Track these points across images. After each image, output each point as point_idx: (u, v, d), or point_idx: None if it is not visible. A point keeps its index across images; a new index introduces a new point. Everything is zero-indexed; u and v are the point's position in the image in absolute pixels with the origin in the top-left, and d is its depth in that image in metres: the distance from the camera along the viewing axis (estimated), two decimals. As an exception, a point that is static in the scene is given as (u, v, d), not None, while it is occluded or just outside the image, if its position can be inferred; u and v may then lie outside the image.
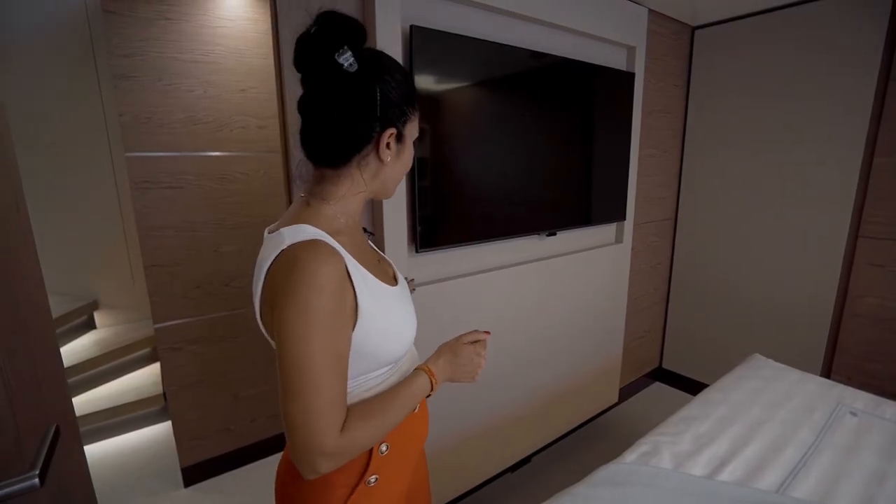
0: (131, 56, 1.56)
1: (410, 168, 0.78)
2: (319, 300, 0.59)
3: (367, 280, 0.67)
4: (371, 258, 0.76)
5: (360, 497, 0.71)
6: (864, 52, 1.81)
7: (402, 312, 0.74)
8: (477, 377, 0.76)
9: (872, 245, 1.90)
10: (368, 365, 0.70)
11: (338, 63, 0.63)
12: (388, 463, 0.74)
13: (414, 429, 0.80)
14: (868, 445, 1.23)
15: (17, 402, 0.68)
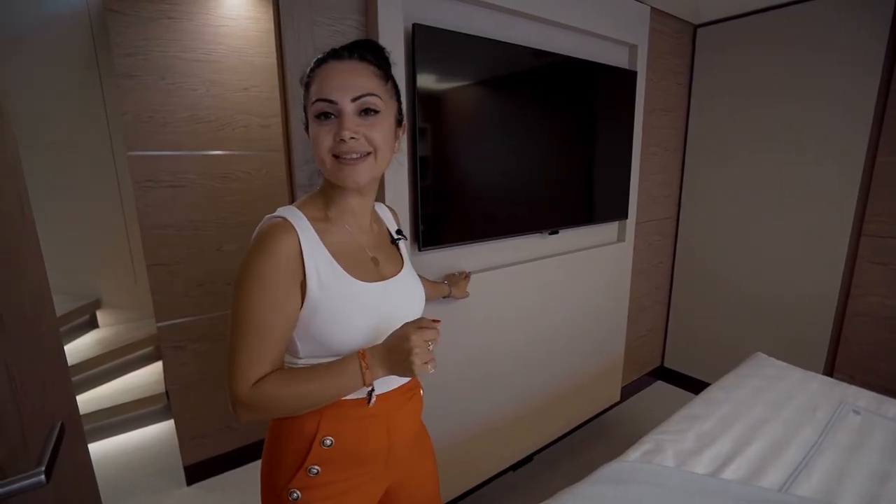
0: (134, 55, 1.57)
1: (342, 140, 0.71)
2: (262, 267, 0.67)
3: (325, 266, 0.71)
4: (359, 254, 0.79)
5: (302, 484, 0.74)
6: (866, 51, 1.80)
7: (360, 308, 0.74)
8: (416, 371, 0.68)
9: (875, 243, 1.90)
10: (316, 349, 0.74)
11: None
12: (334, 460, 0.75)
13: (367, 433, 0.77)
14: (871, 444, 1.23)
15: (22, 400, 0.69)
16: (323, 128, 0.71)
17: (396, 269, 0.85)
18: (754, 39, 2.12)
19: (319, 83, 0.71)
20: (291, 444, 0.75)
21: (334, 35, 1.21)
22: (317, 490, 0.74)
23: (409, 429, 0.85)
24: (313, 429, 0.74)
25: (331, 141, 0.71)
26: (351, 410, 0.75)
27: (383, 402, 0.79)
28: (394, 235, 0.91)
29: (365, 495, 0.81)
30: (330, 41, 1.20)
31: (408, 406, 0.84)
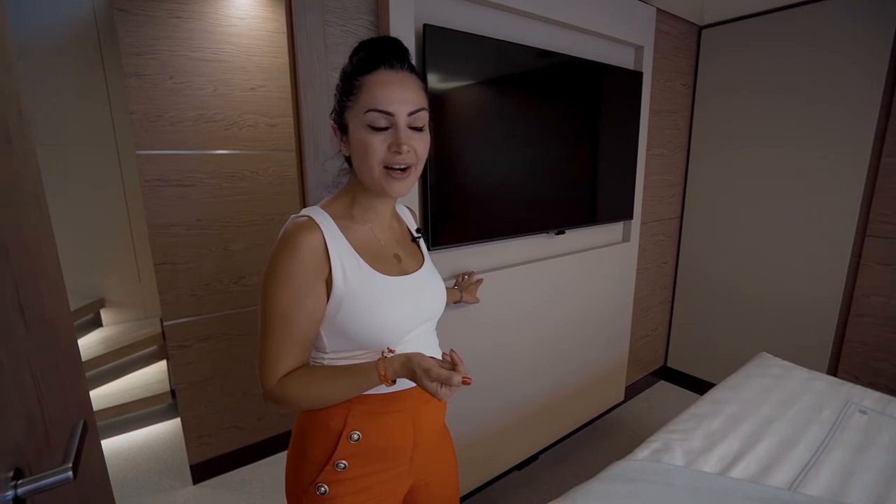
0: (142, 54, 1.57)
1: (374, 156, 0.72)
2: (288, 265, 0.69)
3: (350, 262, 0.73)
4: (382, 250, 0.80)
5: (329, 479, 0.75)
6: (871, 52, 1.81)
7: (385, 301, 0.75)
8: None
9: (880, 244, 1.91)
10: (343, 343, 0.76)
11: None
12: (361, 455, 0.76)
13: (394, 428, 0.79)
14: (878, 444, 1.24)
15: (43, 399, 0.69)
16: (377, 138, 0.71)
17: (418, 265, 0.86)
18: (758, 40, 2.13)
19: (375, 92, 0.70)
20: (319, 438, 0.76)
21: (346, 35, 1.21)
22: (344, 484, 0.75)
23: (433, 425, 0.86)
24: (341, 424, 0.75)
25: (384, 152, 0.71)
26: (378, 406, 0.76)
27: (409, 398, 0.79)
28: (414, 234, 0.92)
29: (390, 491, 0.81)
30: (341, 41, 1.21)
31: (432, 402, 0.84)
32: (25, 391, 0.63)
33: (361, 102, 0.71)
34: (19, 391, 0.61)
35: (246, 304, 1.93)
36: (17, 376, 0.60)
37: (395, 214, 0.91)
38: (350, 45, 1.22)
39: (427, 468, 0.88)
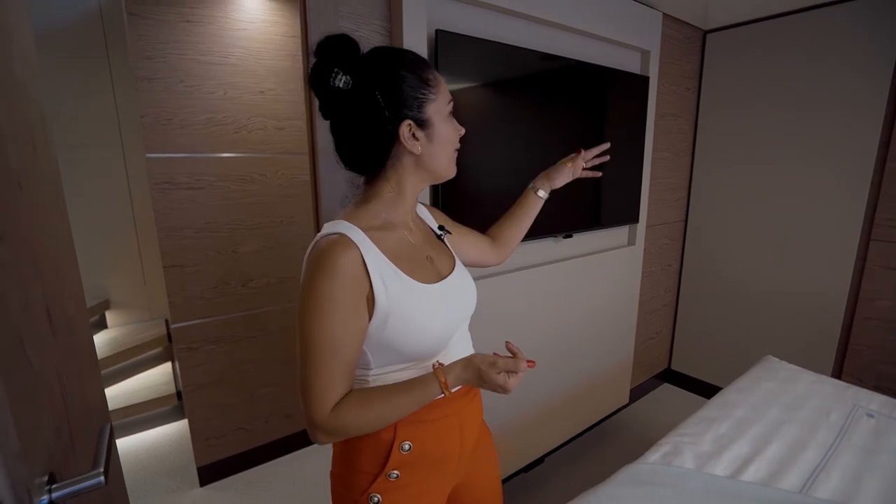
0: (153, 58, 1.58)
1: (462, 135, 0.80)
2: (328, 287, 0.66)
3: (390, 276, 0.70)
4: (416, 255, 0.78)
5: (382, 488, 0.74)
6: (876, 57, 1.83)
7: (430, 310, 0.74)
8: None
9: (885, 248, 1.92)
10: (391, 357, 0.74)
11: (335, 87, 0.69)
12: (413, 463, 0.75)
13: (442, 434, 0.79)
14: (886, 447, 1.25)
15: (70, 403, 0.70)
16: (452, 125, 0.77)
17: (450, 264, 0.85)
18: (763, 45, 2.15)
19: (445, 88, 0.75)
20: (368, 450, 0.75)
21: (359, 40, 1.22)
22: (397, 492, 0.75)
23: (475, 425, 0.86)
24: (391, 435, 0.74)
25: (456, 136, 0.78)
26: (426, 414, 0.76)
27: (455, 402, 0.79)
28: (437, 232, 0.90)
29: (439, 494, 0.83)
30: (355, 46, 1.21)
31: (474, 402, 0.85)
32: (54, 396, 0.63)
33: (443, 94, 0.74)
34: (49, 396, 0.61)
35: (254, 306, 1.93)
36: (47, 382, 0.61)
37: (415, 215, 0.89)
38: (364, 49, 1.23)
39: (471, 467, 0.88)
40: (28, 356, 0.57)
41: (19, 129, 0.65)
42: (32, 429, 0.53)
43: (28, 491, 0.48)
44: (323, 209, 1.22)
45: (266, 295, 1.96)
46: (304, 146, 1.97)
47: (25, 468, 0.49)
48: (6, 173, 0.58)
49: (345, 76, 0.69)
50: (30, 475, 0.50)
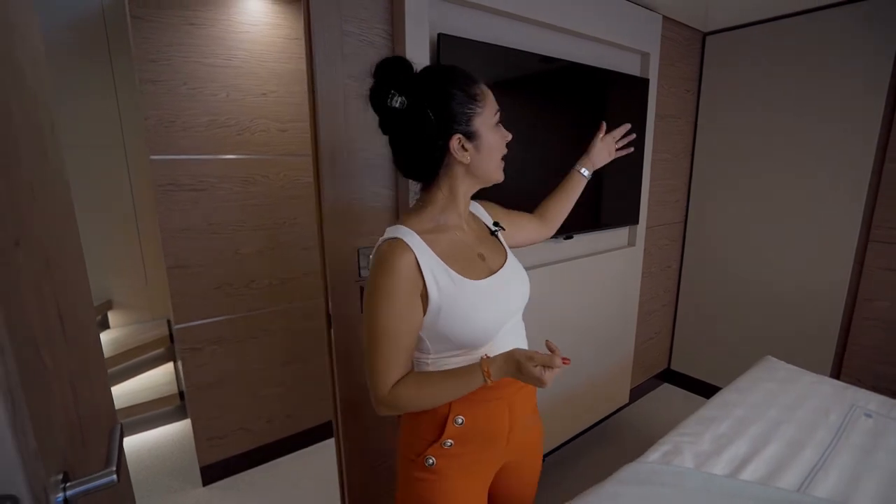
0: (157, 61, 1.59)
1: (509, 140, 0.88)
2: (387, 285, 0.76)
3: (441, 274, 0.80)
4: (468, 253, 0.87)
5: (436, 453, 0.86)
6: (874, 58, 1.84)
7: (478, 305, 0.82)
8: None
9: (883, 249, 1.93)
10: (445, 345, 0.84)
11: (392, 107, 0.78)
12: (464, 436, 0.86)
13: (492, 413, 0.88)
14: (884, 447, 1.26)
15: (80, 402, 0.71)
16: (499, 134, 0.85)
17: (501, 259, 0.92)
18: (762, 48, 2.16)
19: (490, 98, 0.83)
20: (427, 421, 0.87)
21: (363, 45, 1.23)
22: (449, 459, 0.86)
23: (526, 409, 0.94)
24: (446, 410, 0.85)
25: (503, 144, 0.87)
26: (478, 394, 0.83)
27: (505, 386, 0.87)
28: (491, 228, 0.98)
29: (487, 468, 0.92)
30: (358, 51, 1.23)
31: (524, 390, 0.92)
32: (66, 397, 0.64)
33: (490, 106, 0.83)
34: (61, 397, 0.62)
35: (257, 306, 1.95)
36: (59, 382, 0.62)
37: (471, 213, 0.98)
38: (367, 53, 1.24)
39: (519, 448, 0.96)
40: (42, 357, 0.58)
41: (32, 135, 0.67)
42: (47, 429, 0.55)
43: (44, 489, 0.50)
44: (326, 211, 1.23)
45: (268, 296, 1.97)
46: (307, 148, 1.98)
47: (42, 467, 0.50)
48: (21, 179, 0.59)
49: (400, 97, 0.78)
50: (46, 474, 0.51)
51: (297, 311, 2.06)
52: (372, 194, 1.32)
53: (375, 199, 1.33)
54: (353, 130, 1.25)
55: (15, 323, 0.50)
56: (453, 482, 0.87)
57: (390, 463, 1.53)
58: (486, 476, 0.93)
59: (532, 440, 1.01)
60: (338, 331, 1.32)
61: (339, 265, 1.29)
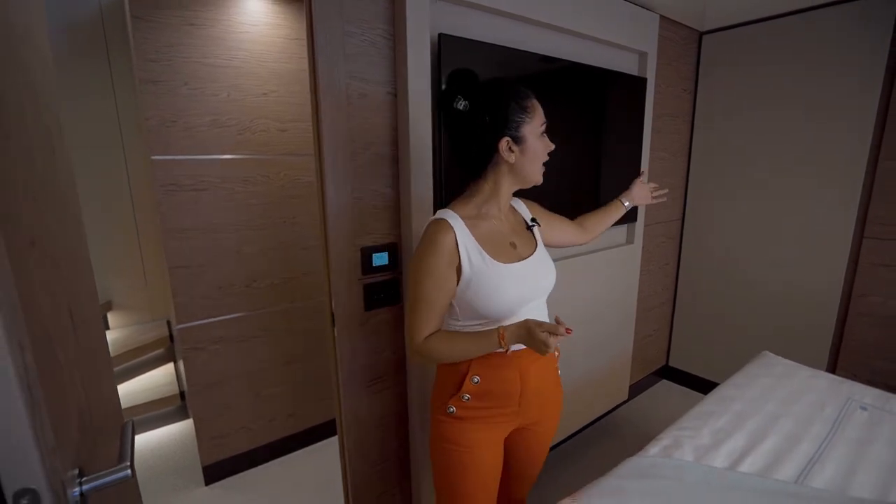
0: (158, 61, 1.59)
1: (552, 150, 1.02)
2: (429, 258, 0.95)
3: (475, 254, 0.96)
4: (501, 240, 1.02)
5: (456, 404, 1.04)
6: (867, 58, 1.86)
7: (502, 284, 0.97)
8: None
9: (878, 246, 1.96)
10: (471, 314, 1.00)
11: (457, 108, 0.96)
12: (479, 393, 1.02)
13: (504, 376, 1.02)
14: (879, 439, 1.28)
15: (90, 399, 0.72)
16: (543, 143, 1.00)
17: (531, 250, 1.07)
18: (758, 47, 2.18)
19: (540, 112, 0.99)
20: (451, 377, 1.05)
21: (364, 45, 1.24)
22: (466, 410, 1.03)
23: (541, 379, 1.08)
24: (466, 369, 1.02)
25: (546, 152, 1.01)
26: (493, 359, 1.01)
27: (518, 357, 1.02)
28: (528, 223, 1.13)
29: (499, 426, 1.06)
30: (361, 50, 1.24)
31: (541, 361, 1.06)
32: (77, 393, 0.65)
33: (538, 118, 0.98)
34: (73, 393, 0.63)
35: (259, 306, 1.95)
36: (71, 379, 0.63)
37: (511, 207, 1.12)
38: (369, 53, 1.25)
39: (533, 415, 1.10)
40: (56, 354, 0.59)
41: (42, 135, 0.67)
42: (63, 424, 0.55)
43: (62, 483, 0.50)
44: (329, 210, 1.24)
45: (270, 295, 1.97)
46: (307, 148, 1.99)
47: (59, 461, 0.51)
48: (34, 180, 0.60)
49: (464, 101, 0.96)
50: (63, 468, 0.52)
51: (298, 310, 2.07)
52: (374, 194, 1.33)
53: (378, 199, 1.34)
54: (355, 130, 1.26)
55: (32, 320, 0.51)
56: (468, 426, 1.04)
57: (393, 462, 1.54)
58: (499, 429, 1.07)
59: (549, 411, 1.15)
60: (341, 330, 1.33)
61: (342, 264, 1.30)
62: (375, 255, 1.36)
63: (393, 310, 1.43)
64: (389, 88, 1.31)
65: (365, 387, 1.42)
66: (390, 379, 1.48)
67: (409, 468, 1.59)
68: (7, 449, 0.45)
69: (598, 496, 1.05)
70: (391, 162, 1.35)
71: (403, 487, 1.59)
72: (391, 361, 1.46)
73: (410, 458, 1.57)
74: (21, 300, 0.48)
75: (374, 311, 1.39)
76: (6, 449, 0.45)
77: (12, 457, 0.45)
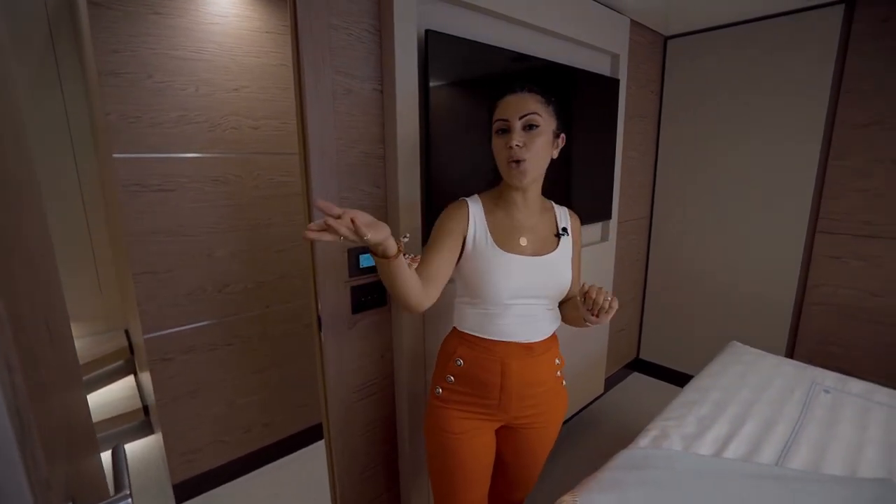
0: (120, 51, 1.48)
1: (511, 147, 0.99)
2: (441, 221, 1.06)
3: (481, 233, 1.04)
4: (512, 232, 1.06)
5: (443, 385, 1.10)
6: (818, 66, 2.00)
7: (496, 270, 1.01)
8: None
9: (829, 239, 2.11)
10: (466, 291, 1.08)
11: None
12: (462, 377, 1.08)
13: (484, 363, 1.06)
14: (843, 418, 1.38)
15: (72, 421, 0.65)
16: (500, 140, 1.01)
17: (545, 252, 1.08)
18: (718, 52, 2.30)
19: (499, 110, 1.01)
20: (443, 357, 1.12)
21: (349, 39, 1.20)
22: (450, 393, 1.09)
23: (528, 378, 1.07)
24: (453, 351, 1.09)
25: (504, 149, 0.99)
26: (475, 343, 1.07)
27: (499, 346, 1.06)
28: (559, 231, 1.13)
29: (482, 416, 1.08)
30: (346, 45, 1.20)
31: (528, 361, 1.07)
32: (61, 414, 0.59)
33: (497, 115, 1.02)
34: (59, 414, 0.57)
35: (231, 312, 1.86)
36: (55, 398, 0.57)
37: (546, 210, 1.14)
38: (355, 48, 1.21)
39: (518, 414, 1.09)
40: (41, 372, 0.52)
41: (12, 136, 0.60)
42: (52, 453, 0.49)
43: (59, 517, 0.45)
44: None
45: (243, 300, 1.88)
46: (281, 146, 1.91)
47: (54, 496, 0.45)
48: (10, 183, 0.54)
49: None
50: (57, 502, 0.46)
51: (274, 315, 1.99)
52: (362, 193, 1.29)
53: (365, 199, 1.30)
54: (342, 128, 1.22)
55: (19, 335, 0.45)
56: (454, 413, 1.08)
57: (382, 467, 1.50)
58: (485, 422, 1.09)
59: (542, 409, 1.13)
60: (328, 334, 1.28)
61: (329, 266, 1.26)
62: (362, 257, 1.32)
63: (381, 312, 1.40)
64: (376, 85, 1.28)
65: (353, 392, 1.38)
66: (378, 383, 1.44)
67: (398, 473, 1.56)
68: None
69: (597, 491, 1.06)
70: (378, 160, 1.31)
71: (392, 493, 1.56)
72: (379, 365, 1.43)
73: (399, 463, 1.54)
74: (8, 315, 0.42)
75: (362, 314, 1.36)
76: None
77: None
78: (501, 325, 1.05)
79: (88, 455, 0.70)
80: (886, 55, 1.88)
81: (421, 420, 1.49)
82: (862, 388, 1.55)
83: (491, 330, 1.05)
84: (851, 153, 2.01)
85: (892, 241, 1.94)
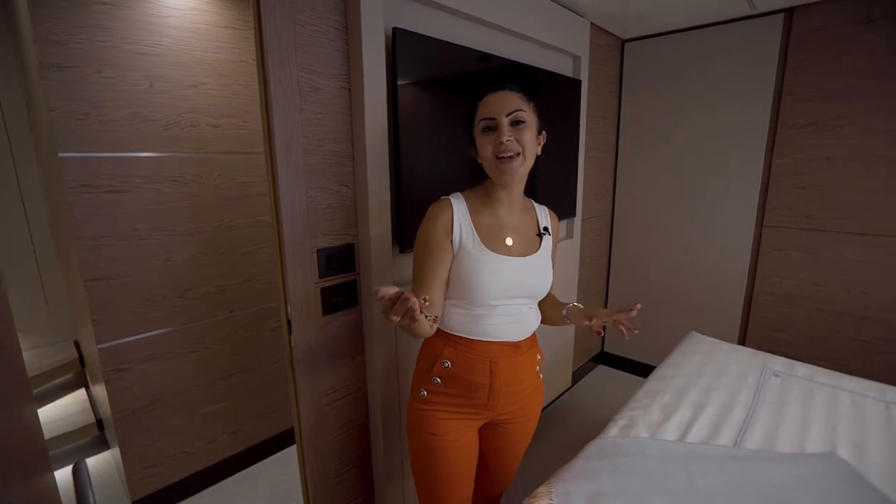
0: (65, 43, 1.38)
1: (497, 144, 0.99)
2: (426, 229, 1.03)
3: (467, 232, 1.02)
4: (497, 231, 1.05)
5: (428, 388, 1.08)
6: (763, 70, 2.13)
7: (482, 269, 1.00)
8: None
9: (775, 233, 2.25)
10: (451, 292, 1.05)
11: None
12: (449, 379, 1.06)
13: (472, 365, 1.04)
14: (791, 400, 1.48)
15: (24, 440, 0.60)
16: (487, 138, 1.00)
17: (529, 253, 1.08)
18: (672, 55, 2.40)
19: (483, 109, 1.01)
20: (427, 359, 1.09)
21: (316, 35, 1.18)
22: (436, 395, 1.07)
23: (513, 376, 1.08)
24: (439, 352, 1.06)
25: (492, 147, 0.99)
26: (462, 345, 1.05)
27: (488, 347, 1.05)
28: (540, 230, 1.14)
29: (469, 414, 1.08)
30: (312, 41, 1.17)
31: (514, 359, 1.07)
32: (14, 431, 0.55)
33: (479, 114, 1.01)
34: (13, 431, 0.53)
35: (194, 317, 1.78)
36: (8, 415, 0.53)
37: (527, 210, 1.15)
38: (321, 44, 1.19)
39: (505, 412, 1.11)
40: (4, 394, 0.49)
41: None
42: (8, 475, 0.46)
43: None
44: (283, 210, 1.17)
45: (206, 305, 1.81)
46: (242, 145, 1.85)
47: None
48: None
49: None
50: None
51: (239, 319, 1.92)
52: (329, 193, 1.27)
53: (333, 198, 1.28)
54: (308, 125, 1.20)
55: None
56: (439, 414, 1.07)
57: (355, 471, 1.49)
58: (470, 421, 1.09)
59: (523, 406, 1.14)
60: (298, 337, 1.26)
61: (297, 268, 1.23)
62: (332, 257, 1.30)
63: (352, 312, 1.38)
64: (343, 83, 1.26)
65: (324, 395, 1.35)
66: (351, 386, 1.42)
67: (371, 477, 1.54)
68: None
69: (571, 480, 1.09)
70: (347, 160, 1.30)
71: (367, 497, 1.54)
72: (351, 367, 1.41)
73: (373, 466, 1.53)
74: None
75: (333, 315, 1.34)
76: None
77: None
78: (489, 326, 1.04)
79: (38, 472, 0.66)
80: (821, 61, 2.02)
81: (394, 422, 1.48)
82: (806, 371, 1.66)
83: (479, 330, 1.04)
84: (792, 152, 2.16)
85: (831, 234, 2.10)
